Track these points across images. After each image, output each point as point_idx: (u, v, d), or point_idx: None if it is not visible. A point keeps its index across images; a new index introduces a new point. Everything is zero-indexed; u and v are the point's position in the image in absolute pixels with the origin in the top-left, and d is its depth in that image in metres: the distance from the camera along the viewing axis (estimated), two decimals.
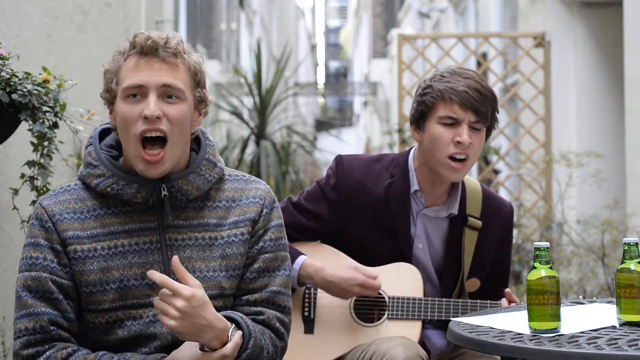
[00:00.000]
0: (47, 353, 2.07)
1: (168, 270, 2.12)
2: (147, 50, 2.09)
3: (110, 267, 2.10)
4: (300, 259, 2.69)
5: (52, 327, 2.08)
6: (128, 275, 2.11)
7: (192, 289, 1.99)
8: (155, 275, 1.99)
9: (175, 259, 2.01)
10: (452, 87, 2.62)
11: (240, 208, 2.20)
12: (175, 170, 2.15)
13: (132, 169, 2.13)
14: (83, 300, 2.12)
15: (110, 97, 2.15)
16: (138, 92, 2.09)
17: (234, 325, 2.08)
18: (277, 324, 2.20)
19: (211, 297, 2.08)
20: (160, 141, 2.09)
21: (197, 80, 2.16)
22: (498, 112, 2.71)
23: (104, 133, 2.24)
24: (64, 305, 2.10)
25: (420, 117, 2.68)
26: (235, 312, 2.12)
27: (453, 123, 2.63)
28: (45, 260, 2.10)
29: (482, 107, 2.62)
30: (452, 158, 2.64)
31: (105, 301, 2.10)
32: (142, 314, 2.11)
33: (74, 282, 2.11)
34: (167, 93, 2.10)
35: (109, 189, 2.12)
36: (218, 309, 2.09)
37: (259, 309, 2.18)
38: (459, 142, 2.61)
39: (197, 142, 2.23)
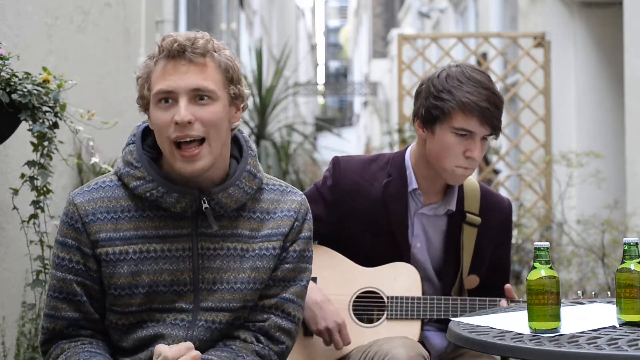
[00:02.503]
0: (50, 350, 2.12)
1: (197, 279, 2.12)
2: (174, 54, 2.06)
3: (140, 271, 2.09)
4: None
5: (70, 331, 2.11)
6: (157, 281, 2.10)
7: None
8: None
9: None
10: (475, 101, 2.56)
11: (274, 221, 2.19)
12: (216, 177, 2.13)
13: (173, 174, 2.11)
14: (109, 301, 2.12)
15: (144, 104, 2.12)
16: (169, 97, 2.06)
17: None
18: (277, 333, 2.18)
19: (234, 309, 2.12)
20: (196, 141, 2.05)
21: (229, 77, 2.10)
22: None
23: (146, 131, 2.19)
24: (86, 307, 2.11)
25: (432, 119, 2.62)
26: (216, 355, 2.08)
27: (466, 134, 2.61)
28: (71, 262, 2.10)
29: (497, 122, 2.60)
30: (458, 167, 2.63)
31: (133, 304, 2.10)
32: (165, 318, 2.11)
33: (100, 284, 2.11)
34: (198, 95, 2.06)
35: (148, 194, 2.09)
36: (238, 319, 2.15)
37: (264, 316, 2.18)
38: (469, 157, 2.60)
39: (238, 148, 2.20)
